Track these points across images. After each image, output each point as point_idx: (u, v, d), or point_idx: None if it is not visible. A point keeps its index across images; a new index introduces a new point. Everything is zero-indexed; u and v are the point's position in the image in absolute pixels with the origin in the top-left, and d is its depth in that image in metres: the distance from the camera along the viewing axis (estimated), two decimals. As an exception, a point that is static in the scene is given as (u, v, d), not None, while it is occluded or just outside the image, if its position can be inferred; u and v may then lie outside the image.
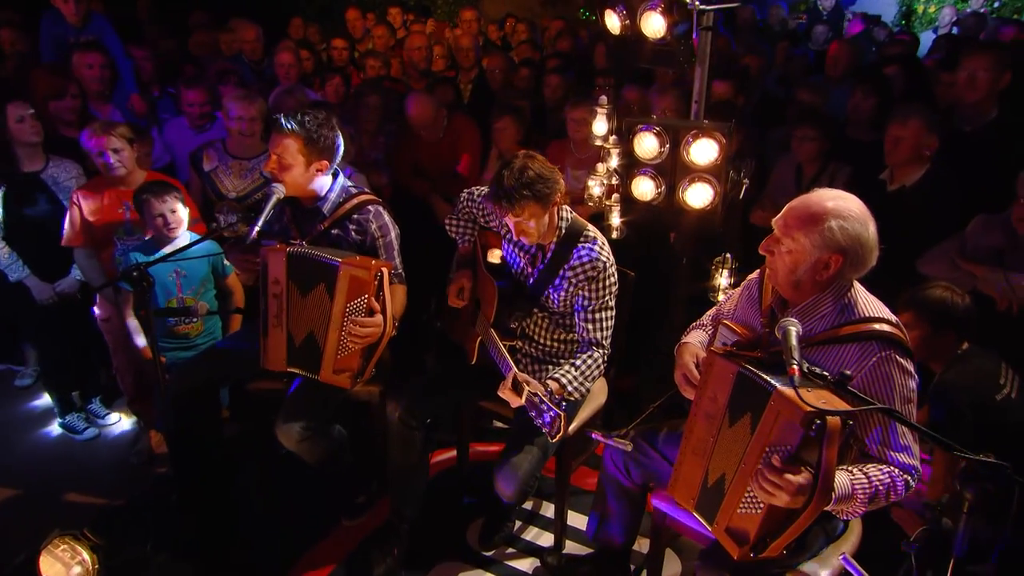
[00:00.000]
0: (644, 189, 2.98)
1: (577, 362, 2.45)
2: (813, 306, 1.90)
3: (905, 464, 1.78)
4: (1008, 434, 2.35)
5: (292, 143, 2.48)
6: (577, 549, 2.84)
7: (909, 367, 1.82)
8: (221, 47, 5.39)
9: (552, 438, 2.13)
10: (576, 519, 2.93)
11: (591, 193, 3.29)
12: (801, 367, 1.60)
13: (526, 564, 2.79)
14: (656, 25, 2.73)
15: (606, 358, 2.53)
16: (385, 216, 2.70)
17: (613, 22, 2.89)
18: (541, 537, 2.92)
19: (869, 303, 1.89)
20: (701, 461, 1.95)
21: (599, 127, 3.21)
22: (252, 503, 3.11)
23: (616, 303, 2.54)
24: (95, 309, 3.41)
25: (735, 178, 2.84)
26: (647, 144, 2.89)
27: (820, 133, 3.52)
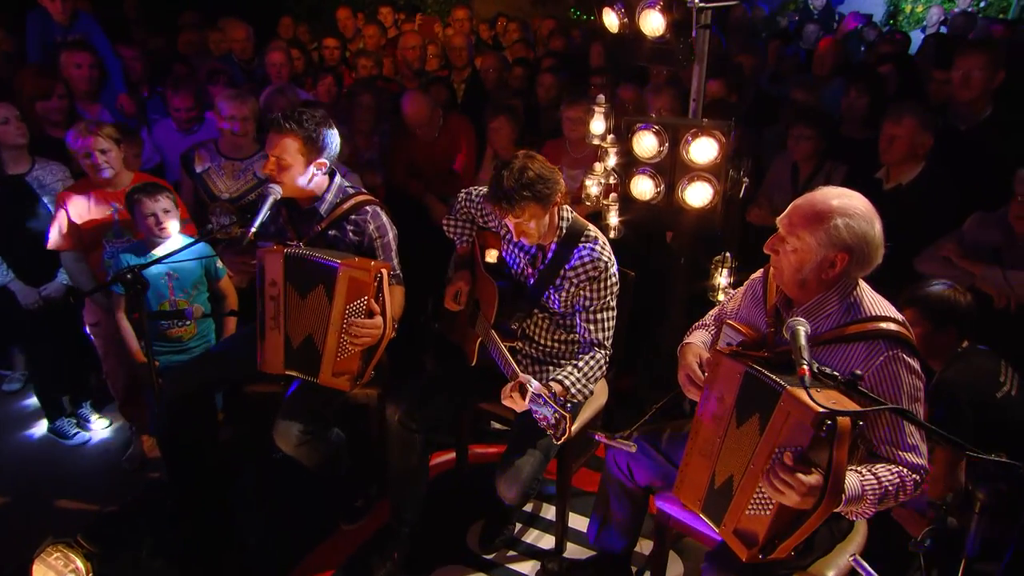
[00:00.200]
0: (643, 188, 2.97)
1: (580, 363, 2.44)
2: (819, 305, 1.89)
3: (914, 464, 1.78)
4: (1008, 432, 2.34)
5: (292, 142, 2.45)
6: (578, 551, 2.82)
7: (916, 366, 1.81)
8: (210, 46, 5.34)
9: (557, 440, 2.11)
10: (577, 521, 2.91)
11: (589, 192, 3.28)
12: (811, 367, 1.59)
13: (527, 567, 2.76)
14: (655, 23, 2.72)
15: (608, 359, 2.51)
16: (383, 217, 2.67)
17: (611, 20, 2.88)
18: (542, 539, 2.90)
19: (875, 302, 1.88)
20: (708, 462, 1.93)
21: (597, 126, 3.19)
22: (248, 508, 3.07)
23: (616, 303, 2.52)
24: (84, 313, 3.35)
25: (735, 177, 2.83)
26: (646, 143, 2.88)
27: (817, 132, 3.53)
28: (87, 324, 3.34)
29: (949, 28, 6.64)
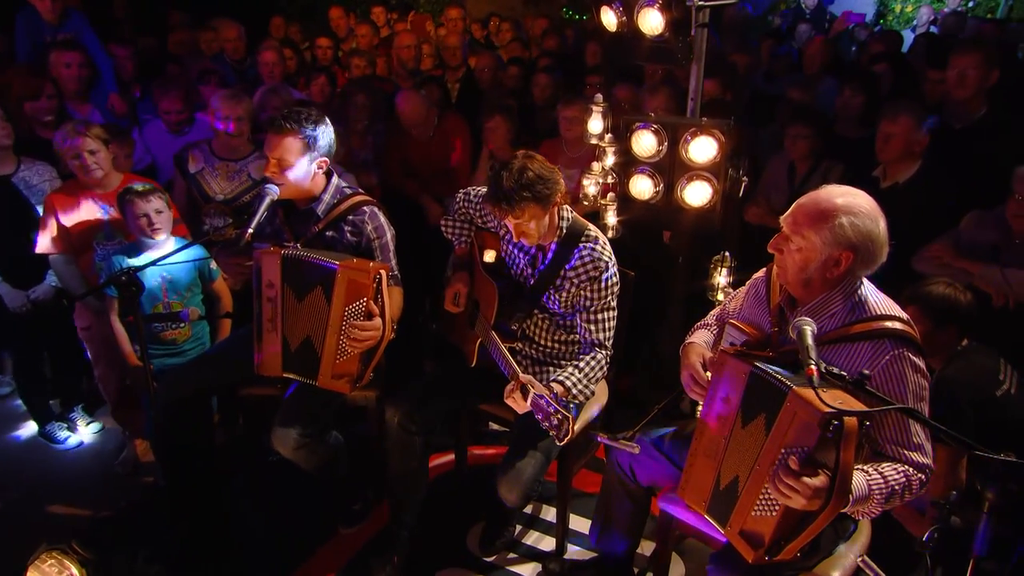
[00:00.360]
0: (642, 188, 2.96)
1: (580, 364, 2.42)
2: (823, 304, 1.89)
3: (920, 463, 1.77)
4: (1008, 430, 2.35)
5: (293, 142, 2.43)
6: (579, 553, 2.80)
7: (921, 365, 1.80)
8: (201, 46, 5.29)
9: (560, 442, 2.09)
10: (577, 522, 2.89)
11: (586, 192, 3.27)
12: (819, 367, 1.58)
13: (528, 569, 2.75)
14: (653, 22, 2.71)
15: (609, 359, 2.50)
16: (381, 217, 2.65)
17: (609, 19, 2.86)
18: (542, 541, 2.88)
19: (880, 301, 1.87)
20: (712, 463, 1.92)
21: (594, 125, 3.18)
22: (245, 512, 3.04)
23: (616, 303, 2.50)
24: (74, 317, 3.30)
25: (734, 176, 2.82)
26: (645, 142, 2.87)
27: (813, 131, 3.53)
28: (78, 328, 3.29)
29: (941, 28, 6.67)
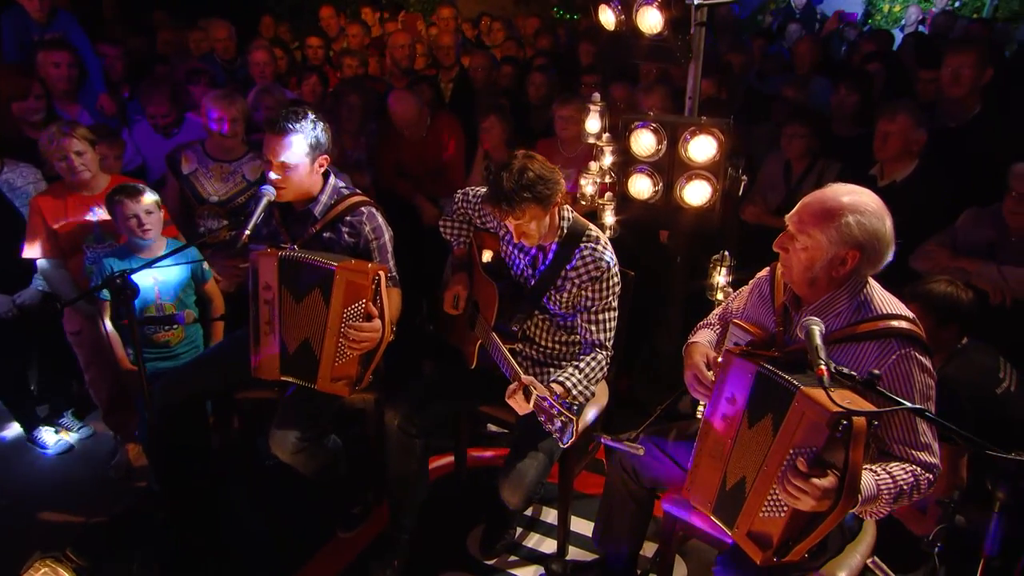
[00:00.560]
0: (641, 187, 2.94)
1: (581, 364, 2.40)
2: (828, 303, 1.88)
3: (928, 462, 1.77)
4: (1008, 428, 2.36)
5: (296, 142, 2.39)
6: (580, 555, 2.78)
7: (928, 364, 1.80)
8: (190, 46, 5.23)
9: (564, 444, 2.07)
10: (578, 524, 2.88)
11: (584, 192, 3.25)
12: (829, 367, 1.57)
13: (530, 572, 2.73)
14: (652, 20, 2.70)
15: (609, 360, 2.48)
16: (379, 218, 2.62)
17: (608, 18, 2.85)
18: (543, 544, 2.86)
19: (885, 300, 1.87)
20: (718, 464, 1.91)
21: (592, 124, 3.17)
22: (242, 517, 3.00)
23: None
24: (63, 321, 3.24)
25: (733, 175, 2.81)
26: (644, 141, 2.85)
27: (809, 131, 3.53)
28: (68, 333, 3.23)
29: (931, 27, 6.71)
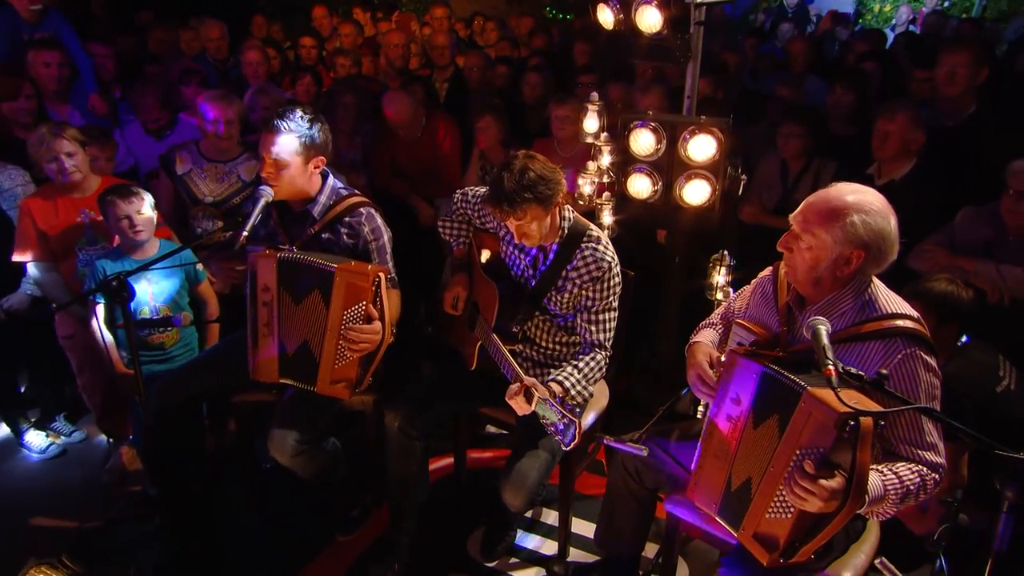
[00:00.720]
0: (640, 186, 2.94)
1: (579, 364, 2.39)
2: (833, 303, 1.87)
3: (934, 462, 1.76)
4: (1008, 426, 2.36)
5: (289, 141, 2.37)
6: (581, 556, 2.77)
7: (933, 364, 1.79)
8: (182, 46, 5.19)
9: (567, 446, 2.05)
10: (579, 525, 2.86)
11: (582, 192, 3.24)
12: (836, 367, 1.56)
13: (531, 574, 2.71)
14: (651, 19, 2.69)
15: (608, 360, 2.47)
16: (377, 219, 2.60)
17: (606, 17, 2.84)
18: (544, 545, 2.84)
19: (890, 299, 1.86)
20: (723, 465, 1.90)
21: (590, 124, 3.16)
22: (240, 520, 2.97)
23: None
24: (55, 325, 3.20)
25: (733, 174, 2.81)
26: (643, 141, 2.85)
27: (806, 130, 3.54)
28: (60, 336, 3.19)
29: (923, 27, 6.75)
